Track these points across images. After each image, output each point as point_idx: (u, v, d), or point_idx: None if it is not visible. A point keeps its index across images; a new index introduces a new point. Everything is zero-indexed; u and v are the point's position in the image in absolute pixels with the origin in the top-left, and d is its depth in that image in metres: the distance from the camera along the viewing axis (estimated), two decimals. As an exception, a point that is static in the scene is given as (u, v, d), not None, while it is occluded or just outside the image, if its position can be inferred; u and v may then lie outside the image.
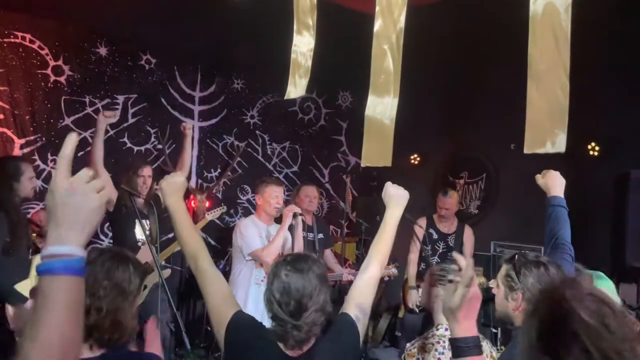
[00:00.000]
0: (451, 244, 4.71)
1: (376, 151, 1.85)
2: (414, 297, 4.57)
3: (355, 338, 1.82)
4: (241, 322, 1.76)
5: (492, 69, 5.53)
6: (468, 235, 4.76)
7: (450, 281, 1.31)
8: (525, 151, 1.44)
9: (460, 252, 4.55)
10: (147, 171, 3.95)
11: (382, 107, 1.76)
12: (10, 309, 2.84)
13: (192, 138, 5.98)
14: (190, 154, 4.31)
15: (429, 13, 2.95)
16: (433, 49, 5.05)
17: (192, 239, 1.89)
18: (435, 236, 4.73)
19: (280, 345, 1.69)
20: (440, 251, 4.73)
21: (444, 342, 2.27)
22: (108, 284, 1.60)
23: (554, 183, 2.12)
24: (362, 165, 1.90)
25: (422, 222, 4.69)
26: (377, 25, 1.82)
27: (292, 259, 1.73)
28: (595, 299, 0.96)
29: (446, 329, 2.31)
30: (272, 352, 1.68)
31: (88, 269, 1.60)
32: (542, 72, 1.41)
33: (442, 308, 1.51)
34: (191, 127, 4.33)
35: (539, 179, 2.20)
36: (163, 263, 4.31)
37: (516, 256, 1.81)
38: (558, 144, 1.38)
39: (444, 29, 5.25)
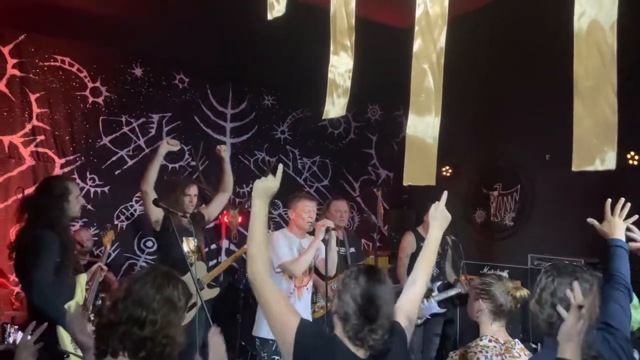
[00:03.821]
0: (440, 251, 4.91)
1: (419, 170, 1.85)
2: None
3: (406, 346, 1.98)
4: (309, 329, 1.84)
5: (525, 78, 5.45)
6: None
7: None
8: (574, 169, 1.42)
9: (451, 257, 4.98)
10: (193, 190, 3.99)
11: (423, 125, 1.77)
12: (61, 329, 2.91)
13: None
14: (230, 175, 4.31)
15: (461, 22, 2.94)
16: (464, 58, 5.02)
17: (262, 246, 1.91)
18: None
19: (351, 347, 1.80)
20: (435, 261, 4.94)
21: (487, 352, 2.28)
22: (160, 298, 1.65)
23: (615, 228, 2.13)
24: (405, 184, 1.91)
25: (409, 235, 4.96)
26: (417, 45, 1.82)
27: (369, 269, 1.87)
28: None
29: (490, 340, 2.30)
30: (346, 354, 1.79)
31: (139, 284, 1.66)
32: (589, 89, 1.40)
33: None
34: (226, 149, 4.30)
35: (598, 226, 2.17)
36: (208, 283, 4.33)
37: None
38: (608, 161, 1.36)
39: (476, 38, 5.22)
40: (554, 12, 2.79)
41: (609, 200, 2.18)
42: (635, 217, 2.18)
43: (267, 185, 1.95)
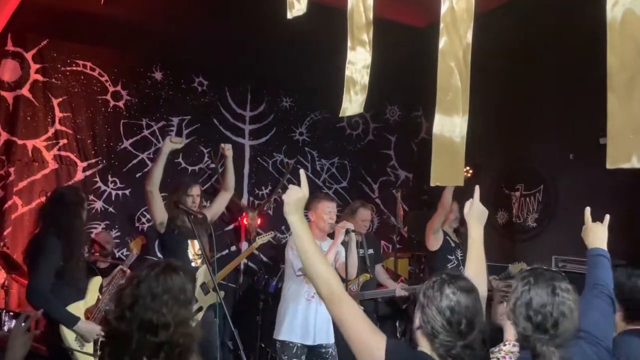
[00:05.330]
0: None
1: (446, 170, 1.80)
2: None
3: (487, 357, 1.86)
4: (400, 352, 1.64)
5: (548, 76, 5.36)
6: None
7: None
8: (608, 166, 1.37)
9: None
10: (196, 190, 3.95)
11: (450, 125, 1.73)
12: (64, 328, 3.05)
13: (244, 156, 6.16)
14: (232, 174, 4.29)
15: (483, 19, 2.90)
16: (484, 56, 4.96)
17: (321, 263, 1.71)
18: (452, 245, 4.95)
19: None
20: (461, 258, 4.92)
21: (510, 357, 2.23)
22: (168, 298, 1.59)
23: (595, 237, 2.14)
24: (432, 184, 1.86)
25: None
26: (442, 42, 1.79)
27: (453, 278, 1.68)
28: None
29: (514, 345, 2.26)
30: None
31: (144, 286, 1.58)
32: (623, 82, 1.35)
33: None
34: (230, 147, 4.24)
35: (584, 231, 2.21)
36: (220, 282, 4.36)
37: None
38: (645, 158, 1.31)
39: (497, 36, 5.14)
40: (583, 4, 2.72)
41: (588, 208, 2.19)
42: (607, 217, 2.17)
43: (297, 197, 1.78)
